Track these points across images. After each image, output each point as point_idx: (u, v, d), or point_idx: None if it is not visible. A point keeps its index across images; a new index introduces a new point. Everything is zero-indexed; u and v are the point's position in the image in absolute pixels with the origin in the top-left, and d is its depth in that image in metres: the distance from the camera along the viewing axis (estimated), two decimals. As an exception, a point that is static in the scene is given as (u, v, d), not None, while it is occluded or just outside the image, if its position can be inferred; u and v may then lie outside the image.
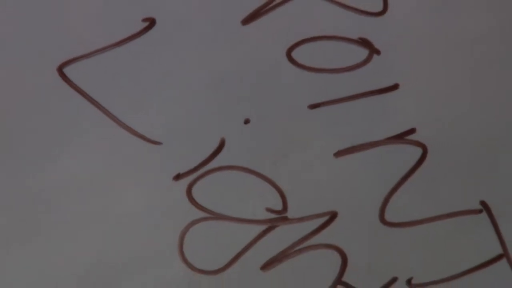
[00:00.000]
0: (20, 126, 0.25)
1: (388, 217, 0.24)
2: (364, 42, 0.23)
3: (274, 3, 0.23)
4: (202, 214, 0.24)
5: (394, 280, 0.24)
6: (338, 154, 0.24)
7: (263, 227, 0.24)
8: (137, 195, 0.25)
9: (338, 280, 0.24)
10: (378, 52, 0.23)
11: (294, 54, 0.23)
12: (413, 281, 0.24)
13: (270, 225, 0.24)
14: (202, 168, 0.24)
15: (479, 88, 0.24)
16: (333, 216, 0.24)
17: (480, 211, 0.24)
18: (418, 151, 0.24)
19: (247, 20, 0.23)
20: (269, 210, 0.24)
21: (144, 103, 0.24)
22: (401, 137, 0.23)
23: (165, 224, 0.25)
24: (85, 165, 0.25)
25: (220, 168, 0.24)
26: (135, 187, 0.25)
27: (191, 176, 0.24)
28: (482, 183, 0.25)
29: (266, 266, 0.24)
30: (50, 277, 0.26)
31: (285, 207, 0.24)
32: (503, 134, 0.24)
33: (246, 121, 0.24)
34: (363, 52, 0.23)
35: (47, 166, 0.25)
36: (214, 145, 0.24)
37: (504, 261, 0.24)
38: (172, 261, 0.25)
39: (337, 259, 0.24)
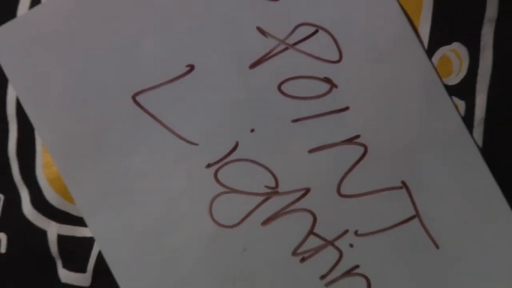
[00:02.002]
0: (106, 136, 0.32)
1: (343, 191, 0.31)
2: (327, 80, 0.31)
3: (270, 54, 0.31)
4: (223, 189, 0.31)
5: (346, 231, 0.32)
6: (311, 151, 0.31)
7: (262, 198, 0.31)
8: (182, 178, 0.31)
9: (311, 231, 0.31)
10: (336, 86, 0.31)
11: (283, 87, 0.31)
12: (358, 232, 0.31)
13: (267, 197, 0.31)
14: (223, 160, 0.31)
15: (402, 110, 0.31)
16: (307, 190, 0.31)
17: (401, 188, 0.31)
18: (361, 149, 0.31)
19: (253, 65, 0.31)
20: (267, 187, 0.31)
21: (187, 119, 0.31)
22: (350, 140, 0.31)
23: (199, 196, 0.32)
24: (148, 160, 0.32)
25: (235, 160, 0.31)
26: (180, 173, 0.31)
27: (216, 165, 0.31)
28: (403, 170, 0.31)
29: (265, 222, 0.31)
30: (125, 233, 0.32)
31: (277, 185, 0.31)
32: (417, 138, 0.31)
33: (252, 130, 0.31)
34: (326, 86, 0.31)
35: (123, 163, 0.32)
36: (232, 145, 0.31)
37: (416, 220, 0.31)
38: (204, 219, 0.31)
39: (310, 218, 0.32)
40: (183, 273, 0.32)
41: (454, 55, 0.31)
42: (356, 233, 0.32)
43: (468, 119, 0.31)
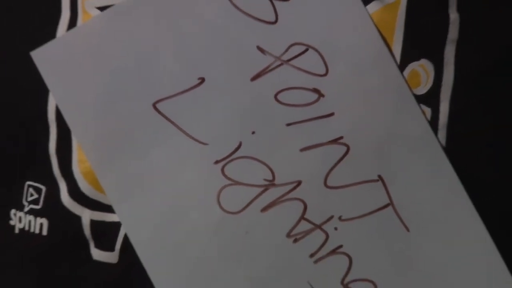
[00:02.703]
0: (130, 137, 0.34)
1: (329, 183, 0.34)
2: (315, 90, 0.33)
3: (268, 69, 0.33)
4: (229, 182, 0.34)
5: (331, 217, 0.34)
6: (302, 149, 0.34)
7: (261, 189, 0.34)
8: (194, 172, 0.34)
9: (302, 217, 0.34)
10: (323, 95, 0.33)
11: (279, 96, 0.34)
12: (342, 217, 0.34)
13: (265, 188, 0.34)
14: (229, 157, 0.34)
15: (378, 115, 0.33)
16: (299, 183, 0.34)
17: (378, 180, 0.34)
18: (344, 148, 0.34)
19: (253, 78, 0.34)
20: (265, 179, 0.34)
21: (199, 123, 0.34)
22: (335, 141, 0.33)
23: (209, 187, 0.34)
24: (166, 157, 0.34)
25: (239, 157, 0.34)
26: (193, 168, 0.34)
27: (223, 161, 0.34)
28: (379, 165, 0.34)
29: (264, 209, 0.34)
30: (146, 218, 0.35)
31: (273, 178, 0.34)
32: (391, 138, 0.33)
33: (253, 132, 0.34)
34: (315, 96, 0.34)
35: (145, 159, 0.34)
36: (236, 145, 0.34)
37: (390, 207, 0.34)
38: (213, 207, 0.34)
39: (301, 206, 0.34)
40: (196, 252, 0.35)
41: (422, 69, 0.34)
42: (340, 218, 0.35)
43: (433, 123, 0.34)
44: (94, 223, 0.37)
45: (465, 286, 0.35)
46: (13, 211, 0.37)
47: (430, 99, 0.34)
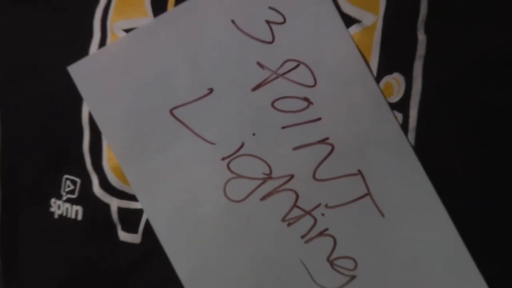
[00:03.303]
0: (151, 138, 0.39)
1: (317, 176, 0.39)
2: (306, 99, 0.37)
3: (266, 81, 0.36)
4: (233, 175, 0.39)
5: (319, 204, 0.39)
6: (295, 148, 0.39)
7: (260, 181, 0.40)
8: (204, 167, 0.39)
9: (294, 204, 0.38)
10: (312, 103, 0.38)
11: (275, 104, 0.37)
12: (328, 205, 0.39)
13: (264, 181, 0.39)
14: (234, 155, 0.39)
15: (358, 119, 0.37)
16: (292, 176, 0.39)
17: (357, 174, 0.39)
18: (330, 147, 0.39)
19: (254, 89, 0.39)
20: (264, 173, 0.39)
21: (208, 126, 0.39)
22: (322, 141, 0.37)
23: (216, 180, 0.39)
24: (181, 155, 0.40)
25: (242, 155, 0.39)
26: (203, 164, 0.39)
27: (229, 158, 0.39)
28: (359, 162, 0.39)
29: (262, 199, 0.38)
30: (164, 205, 0.40)
31: (271, 172, 0.39)
32: (369, 139, 0.37)
33: (254, 134, 0.39)
34: (305, 103, 0.37)
35: (163, 157, 0.40)
36: (239, 144, 0.39)
37: (368, 197, 0.38)
38: (220, 196, 0.39)
39: (293, 196, 0.39)
40: (207, 234, 0.40)
41: (395, 81, 0.38)
42: (326, 205, 0.39)
43: (404, 127, 0.39)
44: (120, 210, 0.41)
45: (427, 261, 0.39)
46: (53, 199, 0.43)
47: (401, 106, 0.38)
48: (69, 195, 0.42)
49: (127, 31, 0.40)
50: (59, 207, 0.42)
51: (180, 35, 0.39)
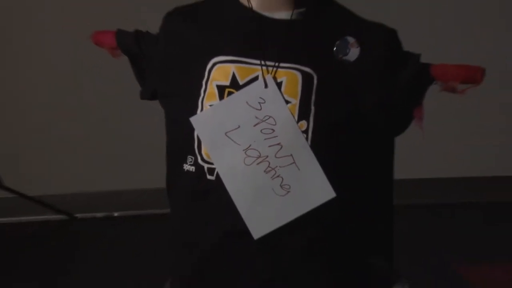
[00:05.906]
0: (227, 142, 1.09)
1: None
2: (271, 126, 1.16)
3: (261, 121, 1.06)
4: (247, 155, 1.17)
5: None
6: (266, 139, 1.07)
7: (258, 155, 1.23)
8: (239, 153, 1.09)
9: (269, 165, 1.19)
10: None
11: (256, 126, 1.09)
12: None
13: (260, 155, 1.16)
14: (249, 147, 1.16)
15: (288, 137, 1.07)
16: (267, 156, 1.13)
17: (290, 157, 1.07)
18: (280, 146, 1.09)
19: (255, 126, 1.04)
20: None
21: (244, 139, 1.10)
22: (277, 144, 1.18)
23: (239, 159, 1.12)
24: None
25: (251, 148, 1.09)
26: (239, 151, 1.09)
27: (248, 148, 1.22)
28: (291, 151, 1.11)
29: (258, 163, 1.23)
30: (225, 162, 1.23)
31: (260, 154, 1.13)
32: (293, 144, 1.07)
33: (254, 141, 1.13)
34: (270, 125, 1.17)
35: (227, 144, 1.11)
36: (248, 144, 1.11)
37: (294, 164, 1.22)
38: (240, 167, 1.11)
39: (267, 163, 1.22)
40: (243, 178, 1.11)
41: (305, 122, 1.08)
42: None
43: (307, 138, 1.09)
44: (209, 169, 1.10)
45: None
46: (185, 165, 1.12)
47: (306, 130, 1.05)
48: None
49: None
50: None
51: (235, 107, 1.16)
